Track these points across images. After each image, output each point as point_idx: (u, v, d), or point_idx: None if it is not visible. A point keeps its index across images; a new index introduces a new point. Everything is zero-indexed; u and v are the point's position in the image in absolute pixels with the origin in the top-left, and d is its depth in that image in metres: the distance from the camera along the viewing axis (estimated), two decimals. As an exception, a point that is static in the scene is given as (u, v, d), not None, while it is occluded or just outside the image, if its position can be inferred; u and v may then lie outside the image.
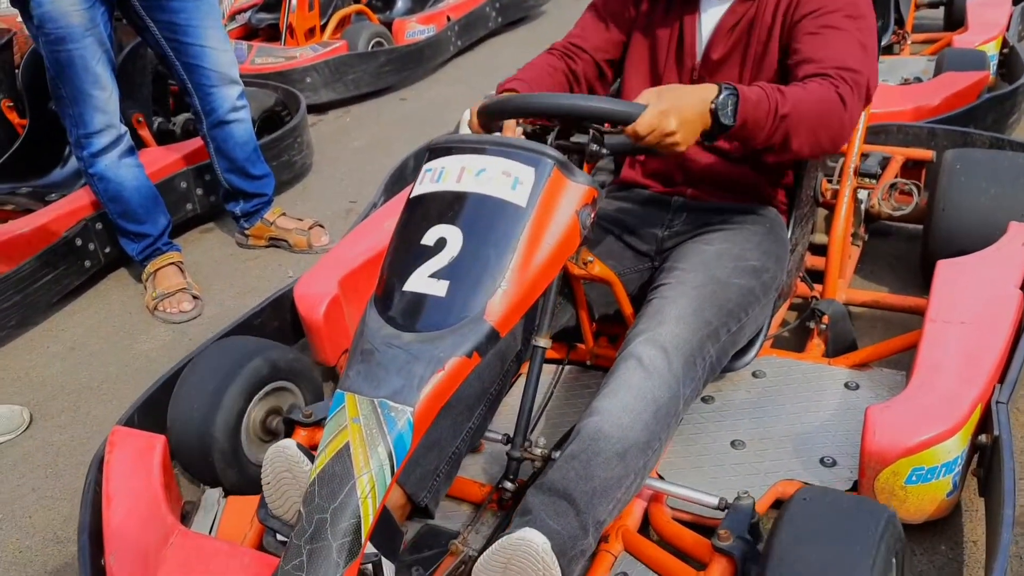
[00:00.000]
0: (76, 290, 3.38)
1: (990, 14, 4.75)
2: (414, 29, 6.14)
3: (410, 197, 1.65)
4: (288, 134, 4.18)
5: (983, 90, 3.75)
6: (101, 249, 3.41)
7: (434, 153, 1.66)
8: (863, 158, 2.73)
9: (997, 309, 2.06)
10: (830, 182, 2.58)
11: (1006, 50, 4.48)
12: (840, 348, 2.38)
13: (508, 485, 1.77)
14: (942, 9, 5.80)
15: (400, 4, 6.62)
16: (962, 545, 1.92)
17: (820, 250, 2.65)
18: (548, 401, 2.15)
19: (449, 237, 1.52)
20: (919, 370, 1.92)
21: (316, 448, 1.49)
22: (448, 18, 6.34)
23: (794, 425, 2.11)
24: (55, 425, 2.66)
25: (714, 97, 1.66)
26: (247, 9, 6.22)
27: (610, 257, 2.08)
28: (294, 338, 2.60)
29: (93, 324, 3.23)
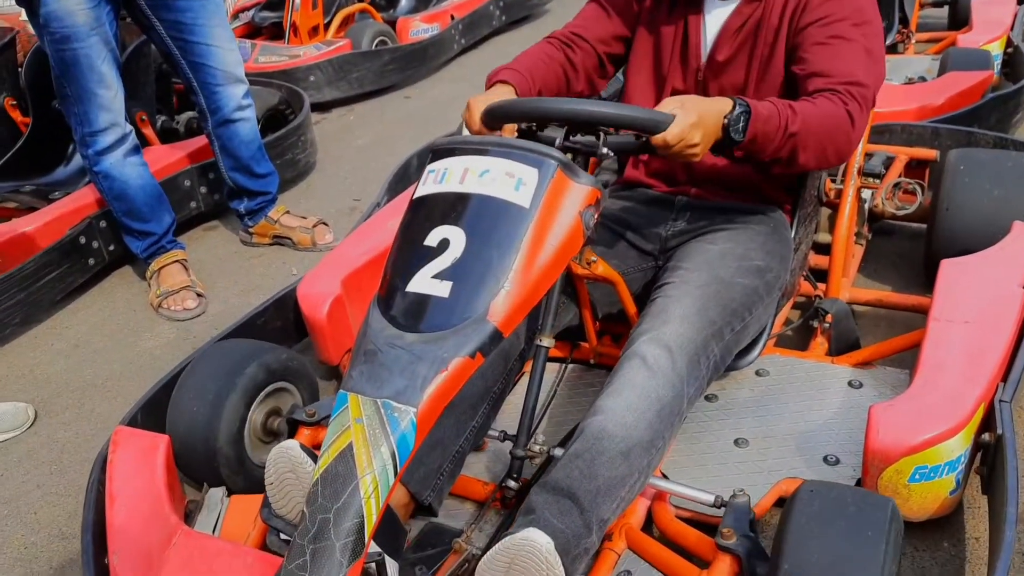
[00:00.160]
0: (80, 288, 3.38)
1: (995, 13, 4.74)
2: (418, 28, 6.15)
3: (413, 198, 1.65)
4: (292, 132, 4.18)
5: (987, 90, 3.74)
6: (105, 247, 3.41)
7: (437, 154, 1.66)
8: (867, 158, 2.74)
9: (1001, 308, 2.07)
10: (834, 181, 2.58)
11: (1010, 49, 4.48)
12: (843, 347, 2.39)
13: (511, 484, 1.77)
14: (946, 8, 5.79)
15: (404, 3, 6.62)
16: (964, 542, 1.92)
17: (824, 249, 2.65)
18: (551, 399, 2.15)
19: (452, 238, 1.52)
20: (923, 369, 1.92)
21: (319, 447, 1.49)
22: (452, 17, 6.35)
23: (797, 423, 2.11)
24: (60, 422, 2.66)
25: (728, 112, 1.69)
26: (251, 7, 6.21)
27: (614, 256, 2.09)
28: (297, 337, 2.60)
29: (97, 322, 3.24)
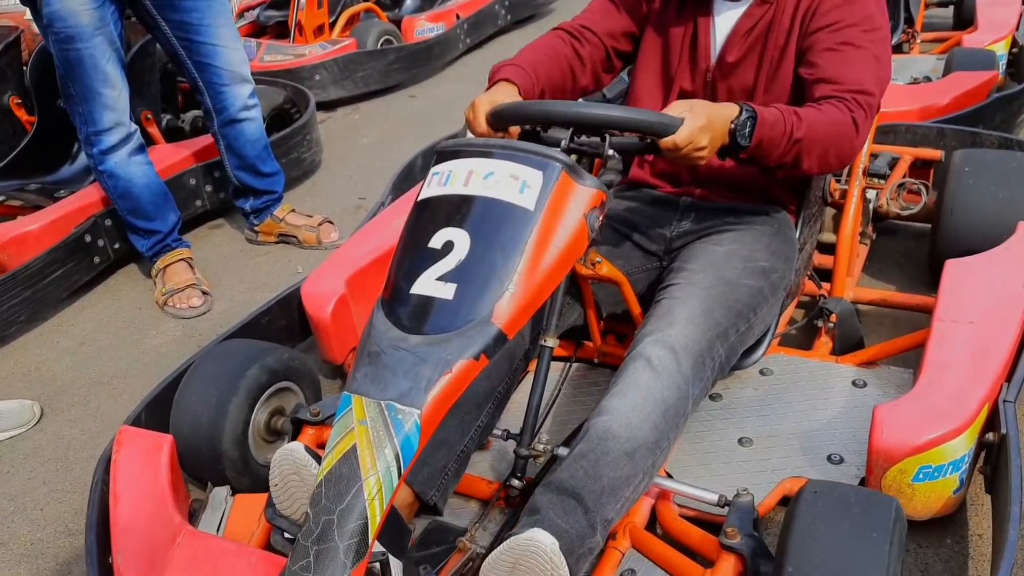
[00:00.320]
0: (86, 286, 3.39)
1: (1000, 13, 4.73)
2: (423, 27, 6.15)
3: (417, 200, 1.65)
4: (297, 131, 4.19)
5: (992, 90, 3.74)
6: (111, 245, 3.42)
7: (441, 156, 1.66)
8: (872, 158, 2.74)
9: (1005, 309, 2.07)
10: (839, 182, 2.58)
11: (1015, 49, 4.48)
12: (847, 346, 2.39)
13: (515, 483, 1.78)
14: (951, 8, 5.78)
15: (409, 2, 6.61)
16: (967, 539, 1.93)
17: (828, 249, 2.65)
18: (555, 398, 2.15)
19: (456, 240, 1.52)
20: (927, 369, 1.93)
21: (323, 447, 1.49)
22: (457, 16, 6.35)
23: (801, 422, 2.11)
24: (65, 419, 2.67)
25: (735, 117, 1.70)
26: (256, 6, 6.22)
27: (618, 257, 2.09)
28: (301, 336, 2.61)
29: (103, 319, 3.25)
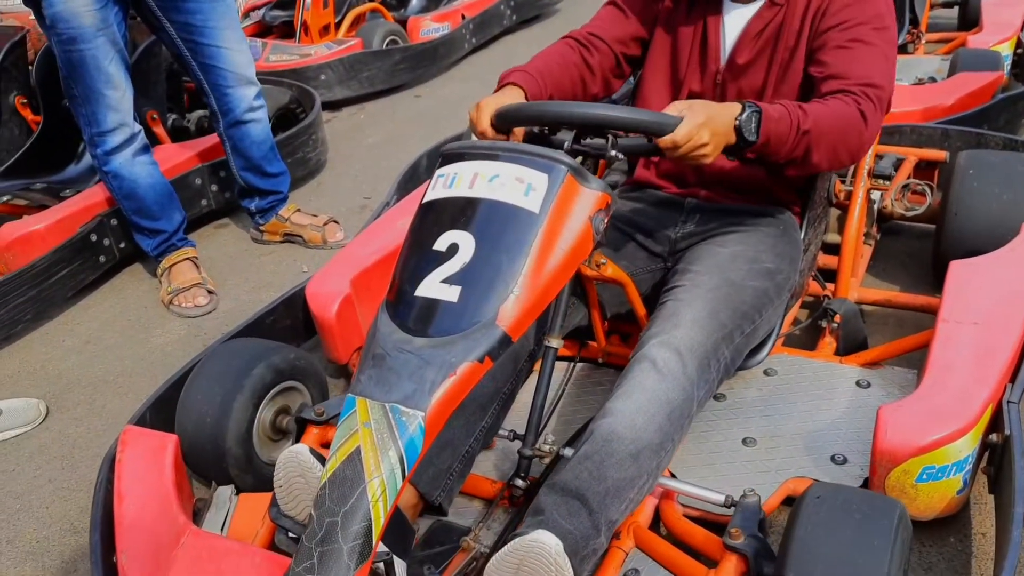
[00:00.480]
0: (91, 285, 3.40)
1: (1005, 14, 4.72)
2: (429, 27, 6.16)
3: (422, 202, 1.65)
4: (303, 131, 4.19)
5: (997, 91, 3.73)
6: (116, 244, 3.43)
7: (447, 158, 1.66)
8: (877, 159, 2.73)
9: (1009, 310, 2.07)
10: (844, 183, 2.58)
11: (1020, 50, 4.46)
12: (851, 346, 2.39)
13: (519, 482, 1.78)
14: (956, 9, 5.77)
15: (415, 2, 6.61)
16: (970, 537, 1.93)
17: (832, 249, 2.65)
18: (559, 398, 2.16)
19: (461, 243, 1.52)
20: (931, 370, 1.93)
21: (328, 446, 1.49)
22: (463, 16, 6.35)
23: (805, 423, 2.11)
24: (71, 417, 2.68)
25: (738, 114, 1.69)
26: (261, 6, 6.23)
27: (622, 258, 2.09)
28: (306, 335, 2.61)
29: (108, 318, 3.26)
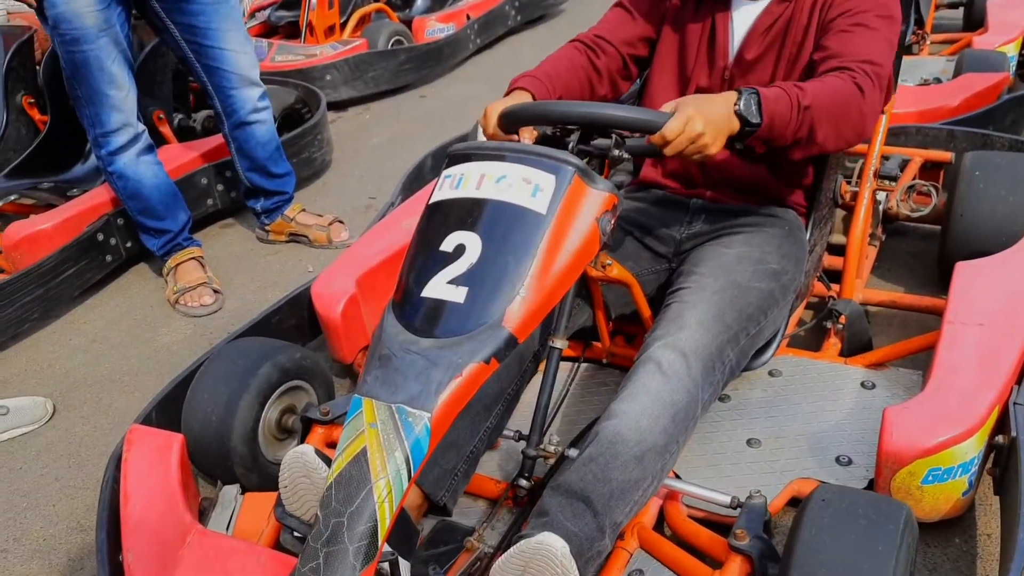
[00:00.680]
0: (98, 284, 3.41)
1: (1010, 15, 4.71)
2: (434, 27, 6.16)
3: (429, 203, 1.65)
4: (308, 131, 4.20)
5: (1003, 91, 3.73)
6: (122, 244, 3.44)
7: (453, 159, 1.66)
8: (883, 160, 2.73)
9: (1016, 311, 2.06)
10: (849, 183, 2.58)
11: (1026, 51, 4.46)
12: (856, 347, 2.39)
13: (523, 483, 1.78)
14: (962, 10, 5.77)
15: (420, 2, 6.62)
16: (976, 538, 1.93)
17: (837, 250, 2.65)
18: (564, 399, 2.16)
19: (468, 244, 1.53)
20: (937, 371, 1.92)
21: (333, 446, 1.49)
22: (467, 16, 6.36)
23: (810, 424, 2.11)
24: (77, 416, 2.69)
25: (735, 100, 1.67)
26: (267, 6, 6.22)
27: (627, 258, 2.08)
28: (311, 335, 2.62)
29: (115, 317, 3.26)
